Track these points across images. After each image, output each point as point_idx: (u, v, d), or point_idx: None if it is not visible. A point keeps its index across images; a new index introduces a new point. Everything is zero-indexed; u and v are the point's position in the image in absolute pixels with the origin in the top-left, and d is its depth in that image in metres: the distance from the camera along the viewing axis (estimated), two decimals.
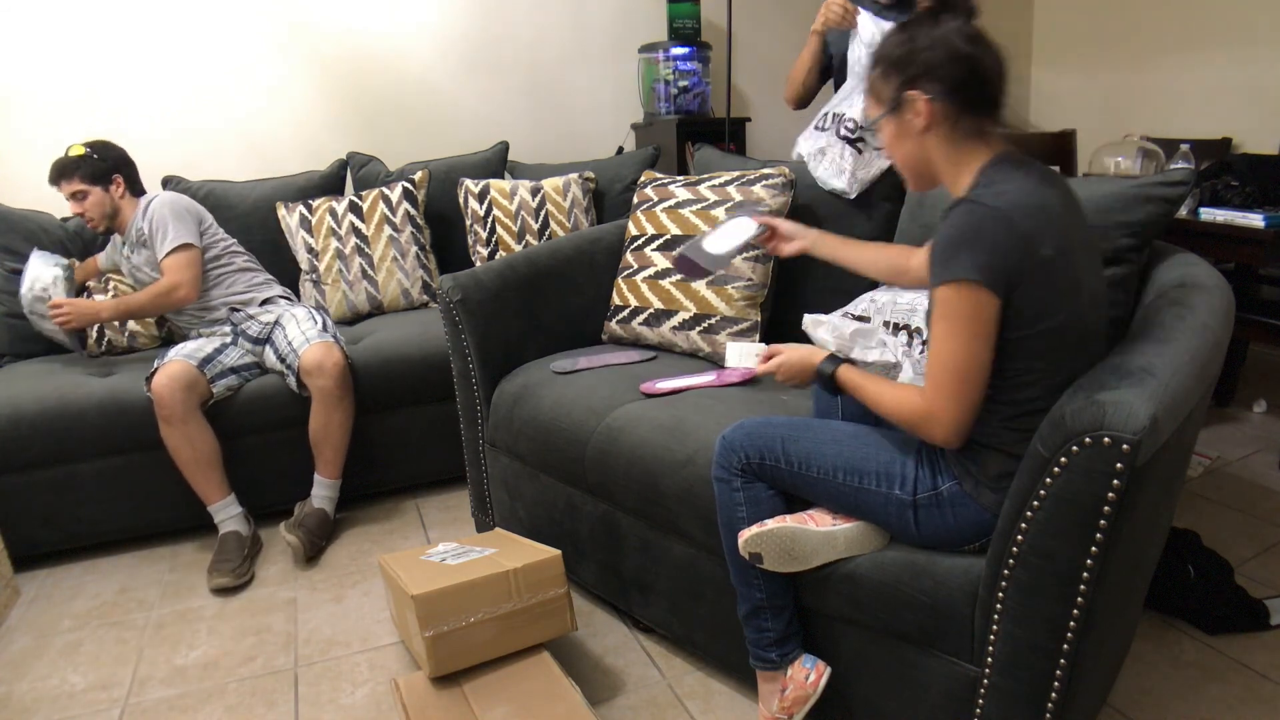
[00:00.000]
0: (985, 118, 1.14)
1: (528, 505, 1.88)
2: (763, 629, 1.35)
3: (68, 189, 2.15)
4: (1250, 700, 1.49)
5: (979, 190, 1.09)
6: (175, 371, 2.00)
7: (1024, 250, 1.04)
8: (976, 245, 1.05)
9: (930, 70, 1.12)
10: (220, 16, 2.78)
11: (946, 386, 1.10)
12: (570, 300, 2.08)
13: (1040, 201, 1.06)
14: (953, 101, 1.12)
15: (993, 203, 1.06)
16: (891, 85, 1.17)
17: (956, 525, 1.20)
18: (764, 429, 1.33)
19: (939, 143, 1.16)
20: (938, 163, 1.17)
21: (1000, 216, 1.05)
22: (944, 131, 1.15)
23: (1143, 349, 1.12)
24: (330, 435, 2.12)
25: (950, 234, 1.08)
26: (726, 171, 2.05)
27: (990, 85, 1.13)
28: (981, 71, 1.11)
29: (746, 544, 1.28)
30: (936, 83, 1.12)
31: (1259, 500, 2.18)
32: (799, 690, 1.32)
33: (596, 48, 3.34)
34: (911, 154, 1.19)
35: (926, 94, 1.13)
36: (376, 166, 2.83)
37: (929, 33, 1.13)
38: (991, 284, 1.05)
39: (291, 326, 2.18)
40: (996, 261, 1.04)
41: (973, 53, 1.11)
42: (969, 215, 1.07)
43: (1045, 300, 1.06)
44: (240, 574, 1.99)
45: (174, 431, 2.00)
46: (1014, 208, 1.05)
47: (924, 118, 1.14)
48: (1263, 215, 2.14)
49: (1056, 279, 1.06)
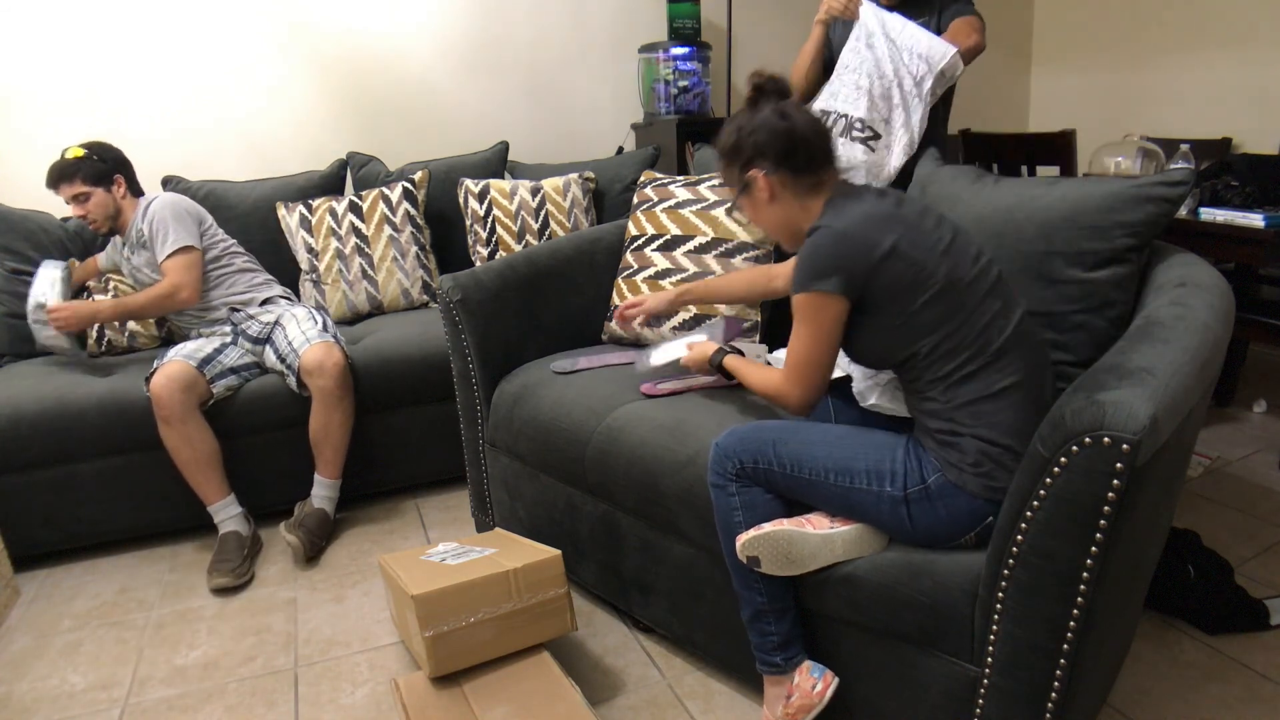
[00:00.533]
0: (817, 171, 1.31)
1: (528, 505, 1.88)
2: (766, 633, 1.35)
3: (68, 191, 2.14)
4: (1250, 700, 1.49)
5: (822, 218, 1.27)
6: (174, 372, 2.00)
7: (863, 252, 1.21)
8: (823, 260, 1.23)
9: (759, 151, 1.31)
10: (220, 16, 2.78)
11: (797, 370, 1.30)
12: (570, 300, 2.08)
13: (872, 209, 1.24)
14: (785, 169, 1.30)
15: (831, 224, 1.24)
16: (734, 172, 1.35)
17: (950, 516, 1.21)
18: (756, 433, 1.35)
19: (787, 204, 1.33)
20: (794, 218, 1.34)
21: (839, 233, 1.23)
22: (788, 195, 1.32)
23: (1143, 349, 1.12)
24: (330, 435, 2.12)
25: (805, 253, 1.26)
26: None
27: (812, 146, 1.30)
28: (799, 139, 1.29)
29: (744, 548, 1.29)
30: (767, 160, 1.31)
31: (1259, 500, 2.18)
32: (805, 699, 1.32)
33: (596, 48, 3.34)
34: (773, 220, 1.36)
35: (762, 169, 1.31)
36: (376, 166, 2.83)
37: (750, 120, 1.32)
38: (837, 289, 1.22)
39: (292, 326, 2.18)
40: (842, 270, 1.22)
41: (788, 127, 1.29)
42: (816, 238, 1.25)
43: (908, 279, 1.21)
44: (240, 574, 1.99)
45: (173, 432, 2.00)
46: (850, 223, 1.23)
47: (766, 190, 1.32)
48: (1263, 215, 2.14)
49: (910, 260, 1.21)
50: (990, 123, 3.97)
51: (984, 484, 1.18)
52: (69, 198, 2.14)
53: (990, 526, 1.19)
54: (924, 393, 1.24)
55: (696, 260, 1.93)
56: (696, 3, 3.16)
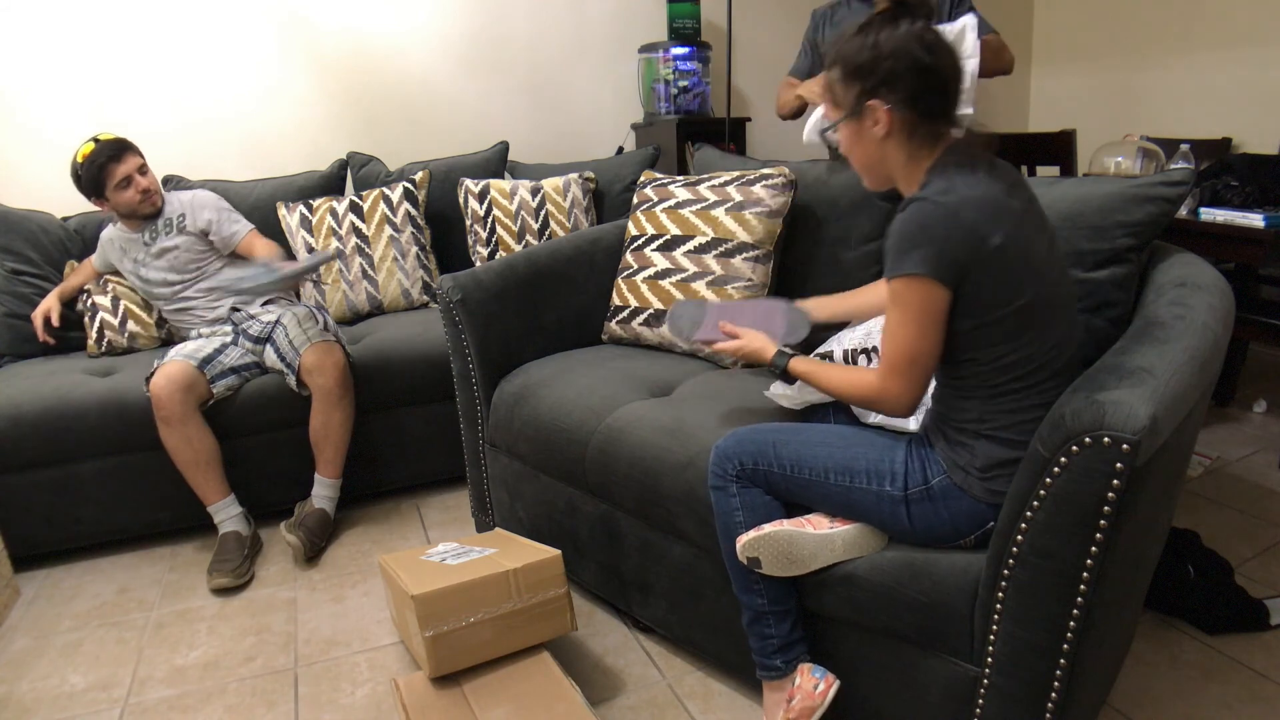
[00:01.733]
0: (941, 122, 1.16)
1: (528, 505, 1.88)
2: (766, 636, 1.34)
3: (135, 162, 2.20)
4: (1250, 700, 1.49)
5: (928, 188, 1.12)
6: (174, 373, 2.00)
7: (973, 242, 1.08)
8: (925, 241, 1.09)
9: (891, 81, 1.14)
10: (221, 17, 2.78)
11: (899, 368, 1.16)
12: (570, 300, 2.08)
13: (986, 194, 1.10)
14: (913, 110, 1.15)
15: (940, 199, 1.09)
16: (852, 92, 1.18)
17: (950, 518, 1.20)
18: (756, 435, 1.34)
19: (896, 149, 1.18)
20: (894, 166, 1.20)
21: (948, 212, 1.08)
22: (902, 138, 1.17)
23: (1143, 349, 1.12)
24: (331, 434, 2.13)
25: (901, 230, 1.12)
26: (726, 171, 2.05)
27: (948, 91, 1.15)
28: (940, 81, 1.14)
29: (744, 549, 1.28)
30: (897, 94, 1.14)
31: (1259, 500, 2.18)
32: (807, 700, 1.31)
33: (596, 48, 3.34)
34: (869, 157, 1.22)
35: (887, 104, 1.15)
36: (376, 166, 2.83)
37: (890, 38, 1.13)
38: (940, 276, 1.09)
39: (293, 326, 2.18)
40: (945, 255, 1.08)
41: (932, 63, 1.13)
42: (918, 212, 1.11)
43: (1005, 284, 1.10)
44: (240, 574, 1.99)
45: (173, 432, 2.00)
46: (961, 202, 1.08)
47: (884, 126, 1.16)
48: (1263, 215, 2.14)
49: (1011, 264, 1.09)
50: (990, 123, 3.96)
51: (988, 489, 1.17)
52: (136, 168, 2.19)
53: (991, 530, 1.19)
54: (965, 394, 1.18)
55: (696, 260, 1.93)
56: (696, 3, 3.16)
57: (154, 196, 2.25)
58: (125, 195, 2.19)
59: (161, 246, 2.27)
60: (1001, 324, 1.12)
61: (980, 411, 1.17)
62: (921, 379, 1.16)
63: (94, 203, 2.21)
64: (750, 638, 1.37)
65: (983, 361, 1.15)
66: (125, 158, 2.17)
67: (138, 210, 2.22)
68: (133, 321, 2.40)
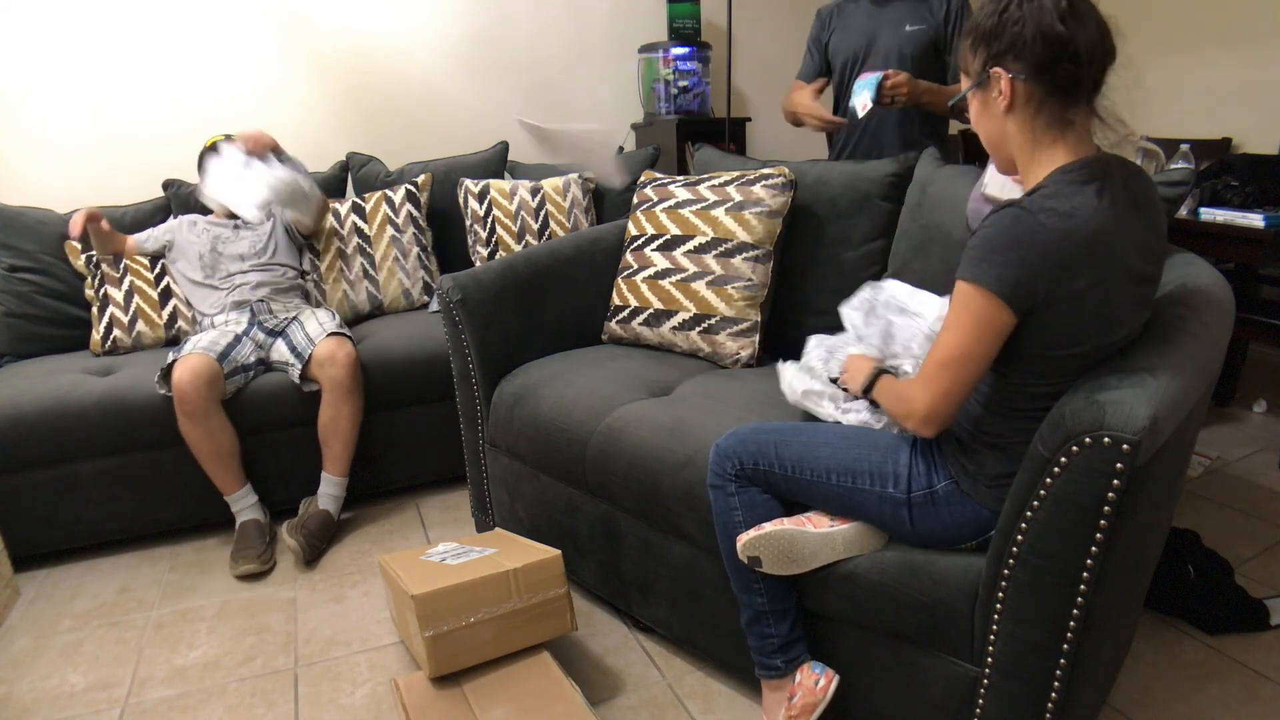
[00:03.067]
0: (1072, 105, 1.06)
1: (528, 505, 1.88)
2: (766, 635, 1.34)
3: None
4: (1250, 700, 1.49)
5: (1040, 198, 1.03)
6: (198, 367, 1.99)
7: (1058, 278, 1.01)
8: (1011, 259, 1.01)
9: (1017, 46, 1.04)
10: (221, 17, 2.78)
11: (932, 376, 1.10)
12: (570, 300, 2.08)
13: (1095, 228, 1.01)
14: (1038, 83, 1.05)
15: (1046, 221, 1.00)
16: (979, 59, 1.10)
17: (953, 522, 1.20)
18: (756, 435, 1.34)
19: (1019, 127, 1.09)
20: (1015, 147, 1.11)
21: (1048, 238, 1.00)
22: (1026, 116, 1.08)
23: (1143, 349, 1.12)
24: (339, 429, 2.13)
25: (991, 236, 1.04)
26: (726, 171, 2.05)
27: (1081, 68, 1.03)
28: (1073, 52, 1.02)
29: (745, 548, 1.28)
30: (1022, 63, 1.04)
31: (1259, 500, 2.18)
32: (808, 696, 1.31)
33: (596, 48, 3.34)
34: (993, 132, 1.13)
35: (1010, 72, 1.06)
36: (376, 167, 2.83)
37: (1021, 2, 1.04)
38: (1011, 301, 1.02)
39: (310, 320, 2.24)
40: (1025, 283, 1.01)
41: (1064, 32, 1.01)
42: (1017, 224, 1.02)
43: (1068, 331, 1.05)
44: (265, 560, 2.01)
45: (195, 426, 2.00)
46: (1064, 232, 1.00)
47: (1007, 98, 1.07)
48: (1263, 215, 2.14)
49: (1086, 309, 1.03)
50: None
51: (996, 496, 1.16)
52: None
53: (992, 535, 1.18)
54: (985, 405, 1.15)
55: (696, 260, 1.93)
56: (696, 3, 3.16)
57: None
58: None
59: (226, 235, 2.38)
60: (1048, 361, 1.07)
61: (999, 426, 1.15)
62: (952, 392, 1.09)
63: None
64: (749, 637, 1.37)
65: (1012, 383, 1.12)
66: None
67: None
68: (142, 321, 2.39)
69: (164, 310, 2.42)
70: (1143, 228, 1.07)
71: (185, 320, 2.42)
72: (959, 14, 2.11)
